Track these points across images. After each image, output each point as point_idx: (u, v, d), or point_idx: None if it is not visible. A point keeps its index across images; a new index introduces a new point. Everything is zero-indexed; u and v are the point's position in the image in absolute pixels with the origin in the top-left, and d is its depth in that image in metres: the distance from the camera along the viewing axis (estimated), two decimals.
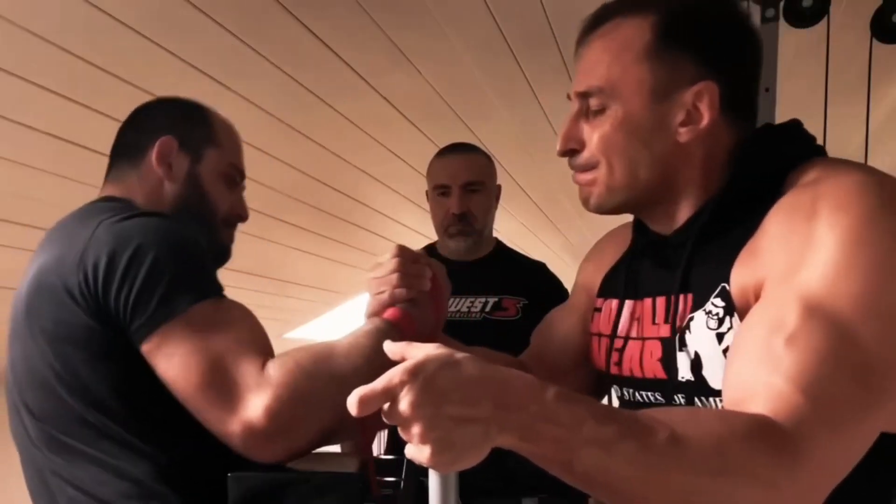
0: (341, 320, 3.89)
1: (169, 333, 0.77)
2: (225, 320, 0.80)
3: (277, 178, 2.35)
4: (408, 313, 0.86)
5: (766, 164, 0.74)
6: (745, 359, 0.63)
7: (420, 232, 3.19)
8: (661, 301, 0.80)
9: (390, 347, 0.62)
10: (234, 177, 1.05)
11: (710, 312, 0.72)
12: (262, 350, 0.80)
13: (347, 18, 1.65)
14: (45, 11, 1.33)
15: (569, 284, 1.84)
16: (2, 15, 1.29)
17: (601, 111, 0.76)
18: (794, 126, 0.79)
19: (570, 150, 0.80)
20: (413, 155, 2.50)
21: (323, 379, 0.77)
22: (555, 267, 1.85)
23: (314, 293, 3.48)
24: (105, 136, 1.01)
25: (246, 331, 0.81)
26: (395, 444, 1.63)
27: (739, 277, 0.70)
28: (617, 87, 0.75)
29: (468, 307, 1.64)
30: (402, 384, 0.53)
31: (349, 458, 0.83)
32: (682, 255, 0.77)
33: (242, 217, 1.09)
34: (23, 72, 1.45)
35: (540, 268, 1.78)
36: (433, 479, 0.57)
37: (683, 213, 0.79)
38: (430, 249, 1.78)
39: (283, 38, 1.69)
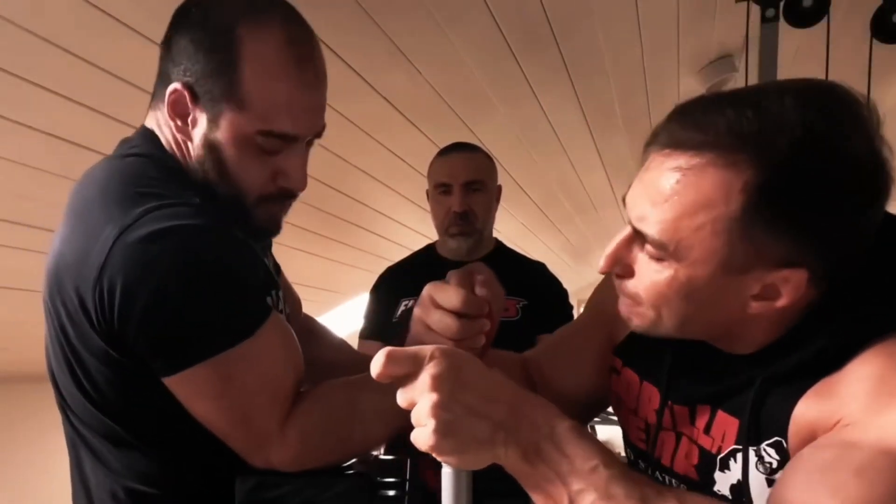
0: (341, 320, 3.89)
1: (191, 377, 0.71)
2: (251, 367, 0.73)
3: None
4: None
5: (867, 328, 0.60)
6: (805, 477, 0.56)
7: (420, 232, 3.19)
8: (703, 409, 0.71)
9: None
10: (268, 146, 0.78)
11: (761, 458, 0.64)
12: (287, 396, 0.77)
13: (347, 18, 1.65)
14: (45, 11, 1.32)
15: (569, 285, 1.85)
16: (2, 15, 1.28)
17: (659, 260, 0.62)
18: None
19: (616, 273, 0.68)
20: (413, 155, 2.50)
21: (339, 443, 0.79)
22: (555, 267, 1.85)
23: (314, 293, 3.47)
24: (105, 136, 0.99)
25: (271, 378, 0.76)
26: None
27: (804, 417, 0.61)
28: (681, 250, 0.59)
29: None
30: (432, 358, 0.54)
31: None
32: (742, 382, 0.67)
33: (290, 191, 0.82)
34: (23, 72, 1.45)
35: (540, 268, 1.78)
36: (446, 480, 0.56)
37: (746, 347, 0.68)
38: (431, 249, 1.78)
39: None
